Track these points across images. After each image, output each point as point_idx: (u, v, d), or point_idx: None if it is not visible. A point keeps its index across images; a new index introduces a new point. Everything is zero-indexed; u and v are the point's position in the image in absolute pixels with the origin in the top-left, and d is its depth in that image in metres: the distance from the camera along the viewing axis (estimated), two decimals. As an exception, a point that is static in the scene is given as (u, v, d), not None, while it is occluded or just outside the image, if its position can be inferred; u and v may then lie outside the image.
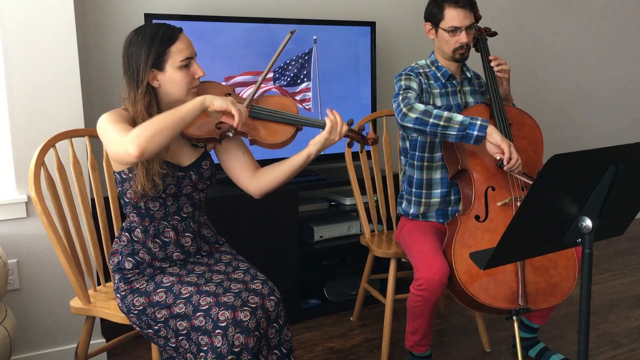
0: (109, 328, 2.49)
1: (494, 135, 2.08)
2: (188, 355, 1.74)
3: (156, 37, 1.73)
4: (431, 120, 2.12)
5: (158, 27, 1.76)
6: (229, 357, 1.65)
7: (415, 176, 2.41)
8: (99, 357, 2.38)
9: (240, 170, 1.93)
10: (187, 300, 1.73)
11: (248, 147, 1.97)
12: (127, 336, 2.17)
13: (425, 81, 2.35)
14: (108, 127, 1.67)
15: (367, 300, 3.02)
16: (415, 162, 2.39)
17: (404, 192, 2.50)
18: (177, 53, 1.74)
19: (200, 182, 1.89)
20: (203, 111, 1.68)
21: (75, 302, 2.00)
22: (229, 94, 1.89)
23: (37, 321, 2.42)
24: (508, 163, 2.08)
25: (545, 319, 2.41)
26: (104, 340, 2.53)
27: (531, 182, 2.13)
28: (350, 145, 1.98)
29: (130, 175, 1.78)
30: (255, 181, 1.92)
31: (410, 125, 2.15)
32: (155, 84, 1.76)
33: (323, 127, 1.87)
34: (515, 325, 2.08)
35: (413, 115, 2.15)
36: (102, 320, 2.51)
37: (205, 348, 1.69)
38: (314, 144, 1.86)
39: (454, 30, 2.26)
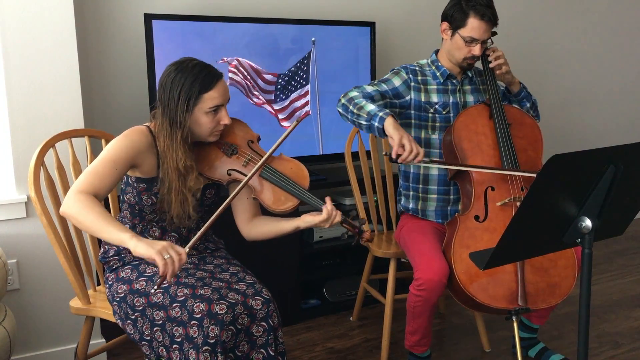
0: (108, 328, 2.49)
1: (388, 129, 2.07)
2: (160, 349, 1.74)
3: (195, 82, 1.75)
4: (350, 107, 2.18)
5: (199, 71, 1.77)
6: (204, 348, 1.65)
7: (411, 170, 2.41)
8: (99, 357, 2.38)
9: (241, 213, 1.98)
10: (165, 290, 1.74)
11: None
12: (127, 336, 2.16)
13: (419, 78, 2.34)
14: (103, 152, 1.73)
15: (366, 300, 3.02)
16: None
17: (401, 188, 2.50)
18: (209, 100, 1.77)
19: (200, 209, 1.92)
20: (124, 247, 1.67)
21: (75, 302, 2.00)
22: (252, 142, 1.92)
23: (37, 321, 2.42)
24: (399, 156, 2.05)
25: (544, 319, 2.41)
26: (103, 340, 2.53)
27: (444, 167, 2.19)
28: (343, 237, 1.96)
29: (136, 185, 1.82)
30: (248, 228, 1.97)
31: (340, 110, 2.23)
32: None
33: (320, 209, 1.87)
34: (515, 325, 2.08)
35: (342, 101, 2.22)
36: (102, 320, 2.51)
37: (180, 339, 1.70)
38: (304, 222, 1.89)
39: (471, 41, 2.24)
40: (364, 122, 2.13)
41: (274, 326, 1.80)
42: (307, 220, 1.88)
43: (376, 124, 2.09)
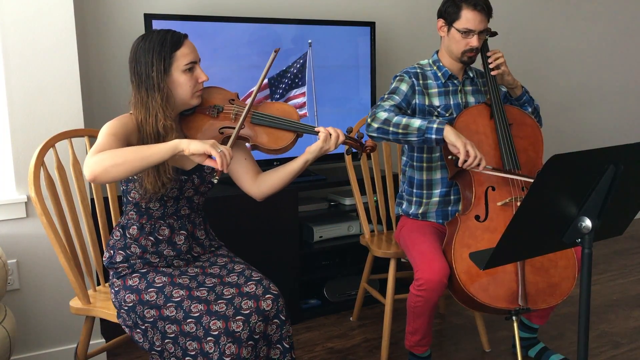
0: (108, 328, 2.48)
1: (449, 137, 2.09)
2: (172, 359, 1.74)
3: (165, 43, 1.77)
4: (391, 129, 2.15)
5: (165, 33, 1.80)
6: None
7: (416, 177, 2.40)
8: (99, 357, 2.37)
9: (243, 174, 1.98)
10: (178, 305, 1.74)
11: (251, 152, 2.00)
12: (127, 336, 2.16)
13: (422, 82, 2.34)
14: (100, 135, 1.72)
15: (366, 300, 3.02)
16: (415, 163, 2.39)
17: (404, 193, 2.50)
18: (182, 57, 1.79)
19: (202, 185, 1.93)
20: (177, 154, 1.62)
21: (75, 302, 2.00)
22: (233, 100, 1.93)
23: (37, 321, 2.42)
24: (464, 162, 2.09)
25: (545, 319, 2.41)
26: (103, 340, 2.52)
27: (502, 175, 2.16)
28: (348, 152, 1.99)
29: (135, 177, 1.81)
30: (257, 186, 1.97)
31: (374, 134, 2.19)
32: None
33: (316, 134, 1.89)
34: (515, 325, 2.08)
35: (375, 125, 2.18)
36: (102, 320, 2.51)
37: (193, 353, 1.70)
38: (310, 152, 1.90)
39: (467, 32, 2.25)
40: (414, 139, 2.13)
41: (284, 320, 1.82)
42: (312, 150, 1.90)
43: (433, 136, 2.10)
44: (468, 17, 2.23)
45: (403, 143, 2.18)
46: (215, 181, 1.71)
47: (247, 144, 1.95)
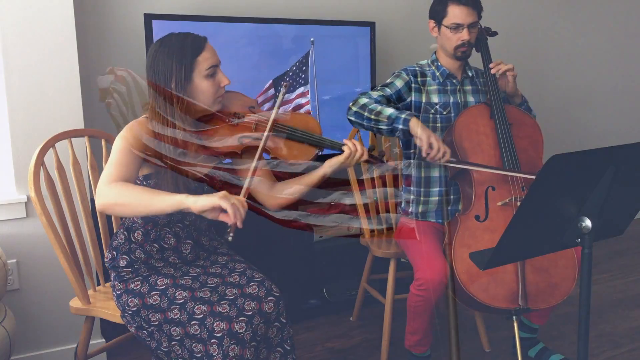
0: (108, 328, 2.49)
1: (415, 128, 2.11)
2: None
3: (185, 48, 1.72)
4: (365, 114, 2.21)
5: (184, 38, 1.75)
6: None
7: (413, 174, 2.41)
8: (99, 357, 2.37)
9: (258, 183, 1.91)
10: (182, 307, 1.73)
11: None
12: (127, 336, 2.16)
13: (420, 79, 2.36)
14: (113, 151, 1.68)
15: (366, 300, 3.02)
16: (412, 160, 2.40)
17: (402, 192, 2.50)
18: (203, 62, 1.74)
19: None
20: (183, 210, 1.56)
21: (75, 302, 2.00)
22: (253, 107, 1.89)
23: (37, 321, 2.42)
24: (428, 155, 2.11)
25: (545, 319, 2.41)
26: (103, 340, 2.52)
27: (466, 167, 2.18)
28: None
29: (144, 183, 1.77)
30: (272, 197, 1.92)
31: (352, 118, 2.26)
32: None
33: (341, 150, 1.87)
34: (515, 325, 2.08)
35: (354, 109, 2.25)
36: (102, 320, 2.51)
37: (199, 355, 1.69)
38: (329, 166, 1.87)
39: (456, 27, 2.26)
40: (384, 127, 2.16)
41: (285, 322, 1.81)
42: (331, 163, 1.86)
43: (400, 126, 2.13)
44: (455, 12, 2.26)
45: (375, 131, 2.22)
46: (230, 238, 1.57)
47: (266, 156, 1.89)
